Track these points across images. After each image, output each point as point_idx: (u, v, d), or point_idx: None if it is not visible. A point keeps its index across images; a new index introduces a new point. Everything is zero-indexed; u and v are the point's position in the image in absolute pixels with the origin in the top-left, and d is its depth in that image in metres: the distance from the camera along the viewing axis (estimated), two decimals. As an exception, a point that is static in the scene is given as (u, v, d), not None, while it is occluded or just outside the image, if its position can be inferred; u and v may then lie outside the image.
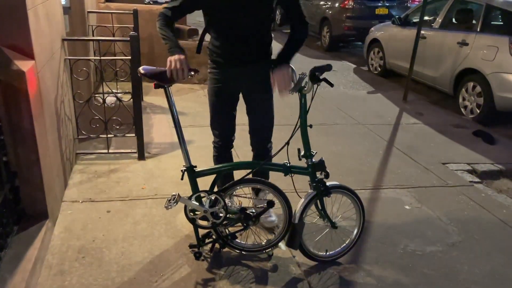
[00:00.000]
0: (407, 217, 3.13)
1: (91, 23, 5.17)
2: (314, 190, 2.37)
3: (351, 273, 2.50)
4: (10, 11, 2.27)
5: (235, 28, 2.35)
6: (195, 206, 2.34)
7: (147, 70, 2.22)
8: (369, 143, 4.47)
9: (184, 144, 2.33)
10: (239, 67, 2.44)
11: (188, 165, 2.34)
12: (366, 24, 9.03)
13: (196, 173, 2.36)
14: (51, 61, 2.87)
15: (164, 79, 2.21)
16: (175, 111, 2.29)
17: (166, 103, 2.28)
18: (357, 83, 7.17)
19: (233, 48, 2.40)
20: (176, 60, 2.17)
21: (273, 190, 2.40)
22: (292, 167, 2.34)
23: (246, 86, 2.53)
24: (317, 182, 2.35)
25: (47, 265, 2.37)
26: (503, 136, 5.00)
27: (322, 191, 2.37)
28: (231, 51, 2.41)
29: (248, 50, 2.40)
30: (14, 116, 2.34)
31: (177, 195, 2.28)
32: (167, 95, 2.26)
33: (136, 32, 3.98)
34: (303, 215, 2.37)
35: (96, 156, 3.71)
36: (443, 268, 2.59)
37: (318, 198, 2.40)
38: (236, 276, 2.42)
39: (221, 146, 2.66)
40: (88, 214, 2.88)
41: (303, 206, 2.35)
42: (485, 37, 5.46)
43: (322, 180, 2.36)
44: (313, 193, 2.37)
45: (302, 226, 2.38)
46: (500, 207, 3.36)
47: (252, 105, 2.59)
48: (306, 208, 2.36)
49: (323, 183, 2.36)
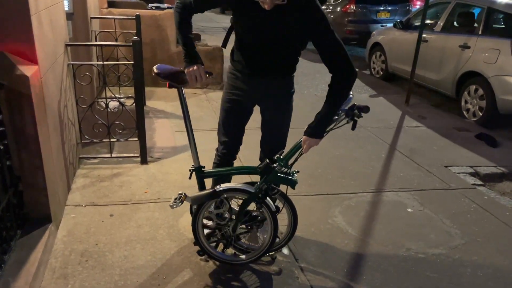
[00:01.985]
0: (410, 220, 3.12)
1: (94, 28, 5.20)
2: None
3: (353, 276, 2.50)
4: (14, 16, 2.30)
5: (258, 50, 2.23)
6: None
7: (161, 70, 2.21)
8: (372, 147, 4.47)
9: (194, 144, 2.34)
10: (259, 78, 2.30)
11: (197, 165, 2.35)
12: (368, 28, 9.05)
13: (205, 173, 2.37)
14: (55, 66, 2.89)
15: (178, 80, 2.21)
16: (187, 112, 2.30)
17: (168, 108, 2.30)
18: (359, 86, 7.18)
19: (255, 62, 2.28)
20: (195, 71, 2.16)
21: (279, 195, 2.40)
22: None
23: (264, 99, 2.38)
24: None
25: (50, 269, 2.38)
26: (506, 138, 4.99)
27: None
28: (252, 64, 2.28)
29: (268, 69, 2.27)
30: (18, 120, 2.36)
31: (183, 195, 2.29)
32: (180, 96, 2.27)
33: (138, 37, 4.00)
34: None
35: (99, 161, 3.73)
36: (446, 271, 2.58)
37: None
38: (239, 279, 2.42)
39: (226, 154, 2.51)
40: (91, 218, 2.89)
41: None
42: (487, 40, 5.47)
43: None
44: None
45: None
46: (503, 210, 3.35)
47: (268, 119, 2.45)
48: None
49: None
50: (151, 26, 6.10)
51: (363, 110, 2.07)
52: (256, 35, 2.18)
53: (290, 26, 2.09)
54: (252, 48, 2.25)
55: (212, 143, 2.71)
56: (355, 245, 2.79)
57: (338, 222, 3.03)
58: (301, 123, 2.88)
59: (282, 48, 2.20)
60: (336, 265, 2.58)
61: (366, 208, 3.25)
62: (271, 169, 2.20)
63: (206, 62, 6.48)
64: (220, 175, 2.46)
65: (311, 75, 7.12)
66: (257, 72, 2.29)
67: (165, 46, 6.24)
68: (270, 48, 2.19)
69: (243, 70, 2.31)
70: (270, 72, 2.28)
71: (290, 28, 2.10)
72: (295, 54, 2.29)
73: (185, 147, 4.10)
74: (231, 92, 2.39)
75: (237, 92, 2.37)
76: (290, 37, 2.16)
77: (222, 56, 6.45)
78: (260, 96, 2.37)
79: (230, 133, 2.47)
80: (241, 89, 2.35)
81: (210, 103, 5.54)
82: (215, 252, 2.45)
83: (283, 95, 2.37)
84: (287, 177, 2.22)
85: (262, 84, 2.32)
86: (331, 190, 3.47)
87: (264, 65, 2.26)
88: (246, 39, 2.25)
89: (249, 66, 2.29)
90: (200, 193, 2.32)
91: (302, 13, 2.03)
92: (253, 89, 2.34)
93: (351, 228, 2.97)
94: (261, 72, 2.29)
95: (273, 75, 2.29)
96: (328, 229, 2.94)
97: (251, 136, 2.53)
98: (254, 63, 2.28)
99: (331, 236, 2.86)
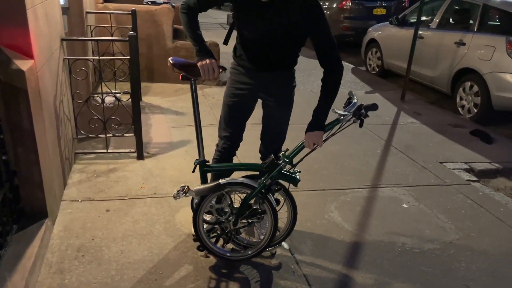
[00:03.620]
0: (405, 216, 3.14)
1: (89, 23, 5.17)
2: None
3: (349, 270, 2.52)
4: (9, 11, 2.28)
5: (260, 46, 2.26)
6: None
7: (177, 61, 2.22)
8: (367, 143, 4.49)
9: (201, 138, 2.35)
10: (261, 71, 2.33)
11: (202, 159, 2.36)
12: (364, 25, 9.05)
13: (209, 168, 2.39)
14: (50, 60, 2.88)
15: (192, 73, 2.22)
16: (197, 105, 2.31)
17: (164, 103, 2.30)
18: (355, 83, 7.19)
19: (257, 57, 2.32)
20: (208, 64, 2.16)
21: (280, 189, 2.41)
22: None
23: (267, 92, 2.39)
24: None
25: (47, 264, 2.38)
26: (500, 135, 5.02)
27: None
28: (255, 59, 2.32)
29: (270, 64, 2.31)
30: (14, 115, 2.35)
31: (186, 187, 2.29)
32: (192, 88, 2.28)
33: (134, 32, 3.98)
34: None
35: (95, 156, 3.72)
36: (441, 266, 2.61)
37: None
38: (236, 273, 2.43)
39: (226, 149, 2.52)
40: (88, 213, 2.89)
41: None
42: (482, 37, 5.49)
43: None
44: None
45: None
46: (497, 205, 3.38)
47: (270, 112, 2.46)
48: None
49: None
50: (147, 22, 6.07)
51: (371, 109, 2.11)
52: (257, 31, 2.21)
53: (291, 21, 2.11)
54: (254, 44, 2.27)
55: (208, 138, 2.72)
56: (351, 240, 2.81)
57: (334, 217, 3.05)
58: (298, 119, 2.91)
59: (283, 42, 2.22)
60: (332, 259, 2.60)
61: (362, 203, 3.27)
62: (275, 165, 2.23)
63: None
64: (224, 170, 2.46)
65: (307, 71, 7.12)
66: (259, 66, 2.31)
67: (161, 42, 6.21)
68: (272, 43, 2.21)
69: (246, 65, 2.34)
70: (272, 66, 2.31)
71: (290, 23, 2.12)
72: (296, 48, 2.31)
73: (181, 143, 4.10)
74: (234, 87, 2.41)
75: (241, 87, 2.39)
76: (291, 32, 2.18)
77: (218, 52, 6.43)
78: (263, 89, 2.38)
79: (232, 128, 2.48)
80: (245, 83, 2.37)
81: (206, 99, 5.54)
82: (215, 247, 2.45)
83: (285, 88, 2.40)
84: (291, 175, 2.27)
85: (265, 77, 2.34)
86: (327, 185, 3.49)
87: (266, 59, 2.29)
88: (247, 35, 2.27)
89: (252, 61, 2.31)
90: (204, 186, 2.33)
91: (302, 8, 2.06)
92: (256, 83, 2.36)
93: (347, 223, 2.99)
94: (263, 66, 2.31)
95: (275, 68, 2.32)
96: (324, 224, 2.96)
97: (248, 132, 2.53)
98: (256, 58, 2.30)
99: (327, 231, 2.88)
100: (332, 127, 2.24)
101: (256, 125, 2.52)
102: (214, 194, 2.35)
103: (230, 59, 2.43)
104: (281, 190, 2.41)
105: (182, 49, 6.31)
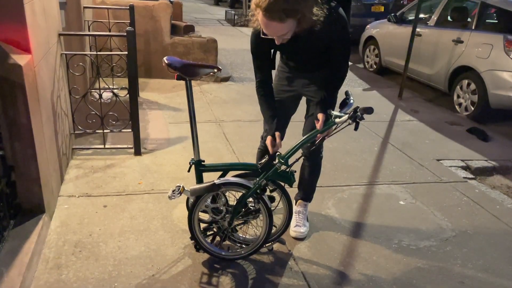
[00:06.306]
0: (402, 213, 3.16)
1: (87, 18, 5.15)
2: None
3: (345, 267, 2.53)
4: (7, 5, 2.27)
5: (296, 62, 2.52)
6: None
7: (172, 61, 2.22)
8: (365, 140, 4.50)
9: (196, 137, 2.36)
10: (303, 73, 2.55)
11: (197, 158, 2.36)
12: (362, 22, 9.05)
13: (204, 167, 2.38)
14: (48, 55, 2.87)
15: (187, 72, 2.23)
16: (192, 105, 2.32)
17: (162, 99, 2.30)
18: (353, 80, 7.20)
19: (296, 68, 2.55)
20: (273, 141, 2.29)
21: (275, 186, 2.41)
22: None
23: (308, 89, 2.57)
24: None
25: (44, 259, 2.38)
26: (497, 133, 5.04)
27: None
28: (294, 69, 2.56)
29: (307, 69, 2.54)
30: (11, 110, 2.34)
31: (181, 187, 2.29)
32: (187, 88, 2.28)
33: (132, 28, 3.97)
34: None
35: (92, 151, 3.71)
36: (437, 263, 2.62)
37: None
38: (232, 269, 2.44)
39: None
40: (85, 209, 2.88)
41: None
42: (480, 35, 5.50)
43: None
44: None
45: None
46: (493, 203, 3.40)
47: (310, 109, 2.62)
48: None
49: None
50: (145, 17, 6.05)
51: (366, 111, 2.11)
52: (292, 55, 2.48)
53: (320, 40, 2.27)
54: (291, 61, 2.53)
55: (206, 135, 2.72)
56: (348, 236, 2.82)
57: (331, 214, 3.06)
58: (297, 117, 2.91)
59: (316, 56, 2.43)
60: (329, 256, 2.61)
61: (358, 200, 3.28)
62: (271, 166, 2.24)
63: (201, 54, 6.45)
64: (219, 170, 2.46)
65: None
66: (301, 71, 2.54)
67: (159, 37, 6.20)
68: (306, 59, 2.46)
69: (291, 66, 2.57)
70: (309, 71, 2.52)
71: (319, 43, 2.31)
72: (327, 54, 2.45)
73: (179, 139, 4.10)
74: (281, 83, 2.60)
75: (287, 83, 2.58)
76: (321, 48, 2.36)
77: (216, 48, 6.43)
78: (307, 86, 2.56)
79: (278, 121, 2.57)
80: (290, 82, 2.59)
81: (204, 95, 5.53)
82: (211, 247, 2.46)
83: (318, 86, 2.54)
84: (287, 175, 2.28)
85: (307, 77, 2.54)
86: (324, 182, 3.49)
87: (303, 68, 2.53)
88: (284, 56, 2.55)
89: (291, 70, 2.57)
90: (199, 186, 2.33)
91: (330, 28, 2.18)
92: (299, 82, 2.56)
93: (344, 220, 3.00)
94: (302, 72, 2.54)
95: (312, 71, 2.53)
96: (321, 221, 2.97)
97: (245, 128, 2.53)
98: (295, 68, 2.55)
99: (324, 228, 2.89)
100: (327, 128, 2.26)
101: (254, 121, 2.52)
102: (209, 194, 2.36)
103: (227, 56, 2.44)
104: (277, 189, 2.42)
105: (180, 45, 6.30)
